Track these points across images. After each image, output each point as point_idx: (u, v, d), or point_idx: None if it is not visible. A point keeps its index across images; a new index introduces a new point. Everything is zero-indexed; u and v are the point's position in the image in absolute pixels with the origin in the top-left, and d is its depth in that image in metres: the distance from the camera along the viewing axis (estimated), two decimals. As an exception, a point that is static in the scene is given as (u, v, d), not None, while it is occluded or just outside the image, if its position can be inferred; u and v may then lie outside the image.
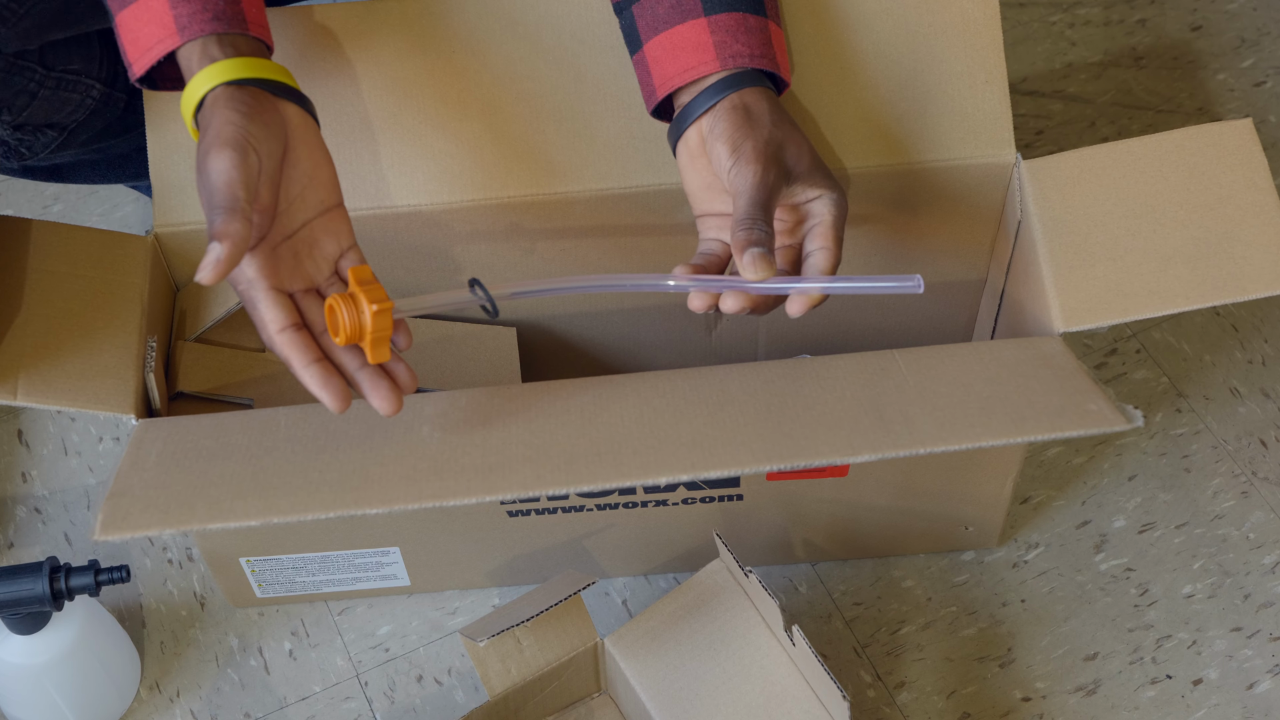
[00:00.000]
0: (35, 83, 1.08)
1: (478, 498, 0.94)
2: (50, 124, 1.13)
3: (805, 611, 1.22)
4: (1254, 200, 1.04)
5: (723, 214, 1.01)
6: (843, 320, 1.23)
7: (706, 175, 1.01)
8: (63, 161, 1.22)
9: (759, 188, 0.95)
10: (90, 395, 1.02)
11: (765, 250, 0.93)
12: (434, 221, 1.11)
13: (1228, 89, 1.53)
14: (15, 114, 1.08)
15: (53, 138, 1.14)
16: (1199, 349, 1.36)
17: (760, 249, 0.93)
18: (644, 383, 1.01)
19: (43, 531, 1.28)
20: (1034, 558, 1.24)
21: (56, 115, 1.12)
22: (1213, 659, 1.18)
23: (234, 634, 1.22)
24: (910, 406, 0.98)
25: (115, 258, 1.08)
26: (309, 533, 1.14)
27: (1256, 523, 1.25)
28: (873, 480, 1.13)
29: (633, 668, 1.07)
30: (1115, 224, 1.05)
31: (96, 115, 1.16)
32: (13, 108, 1.07)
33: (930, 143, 1.10)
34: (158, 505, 0.95)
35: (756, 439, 0.96)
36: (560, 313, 1.20)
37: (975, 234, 1.16)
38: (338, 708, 1.18)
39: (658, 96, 1.02)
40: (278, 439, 0.99)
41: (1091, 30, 1.59)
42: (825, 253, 0.97)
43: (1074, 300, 1.03)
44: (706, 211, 1.02)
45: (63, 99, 1.11)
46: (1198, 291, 1.02)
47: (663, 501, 1.13)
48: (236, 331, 1.14)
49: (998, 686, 1.17)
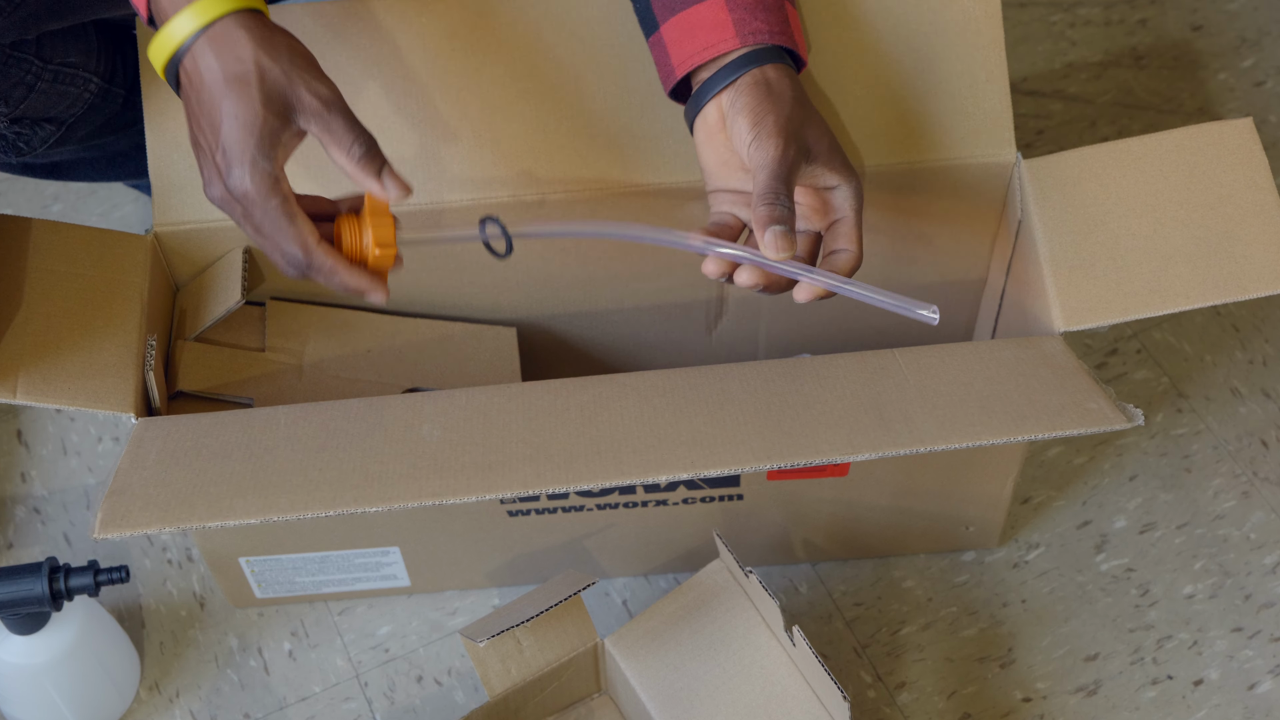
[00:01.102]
0: (32, 75, 1.08)
1: (478, 495, 0.94)
2: (48, 118, 1.13)
3: (805, 612, 1.21)
4: (1254, 199, 1.04)
5: (737, 190, 1.00)
6: (843, 320, 1.22)
7: (724, 152, 1.00)
8: (61, 159, 1.22)
9: (780, 162, 0.94)
10: (89, 394, 1.02)
11: (787, 229, 0.93)
12: (434, 221, 1.11)
13: (1228, 89, 1.53)
14: (12, 106, 1.08)
15: (51, 132, 1.14)
16: (1200, 349, 1.35)
17: (783, 227, 0.93)
18: (644, 382, 1.01)
19: (42, 532, 1.28)
20: (1035, 558, 1.24)
21: (54, 109, 1.12)
22: (1213, 659, 1.18)
23: (234, 634, 1.22)
24: (910, 405, 0.98)
25: (115, 257, 1.08)
26: (309, 532, 1.14)
27: (1257, 523, 1.25)
28: (873, 480, 1.13)
29: (633, 668, 1.07)
30: (1116, 223, 1.05)
31: (94, 111, 1.16)
32: (10, 100, 1.07)
33: (931, 142, 1.10)
34: (157, 503, 0.95)
35: (757, 437, 0.96)
36: (560, 313, 1.20)
37: (975, 233, 1.16)
38: (338, 708, 1.18)
39: (676, 75, 1.02)
40: (277, 438, 0.99)
41: (1092, 30, 1.59)
42: (849, 255, 0.98)
43: (1074, 300, 1.03)
44: (720, 188, 1.01)
45: (60, 92, 1.11)
46: (1198, 291, 1.02)
47: (663, 501, 1.13)
48: (236, 331, 1.14)
49: (998, 687, 1.17)
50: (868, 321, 1.23)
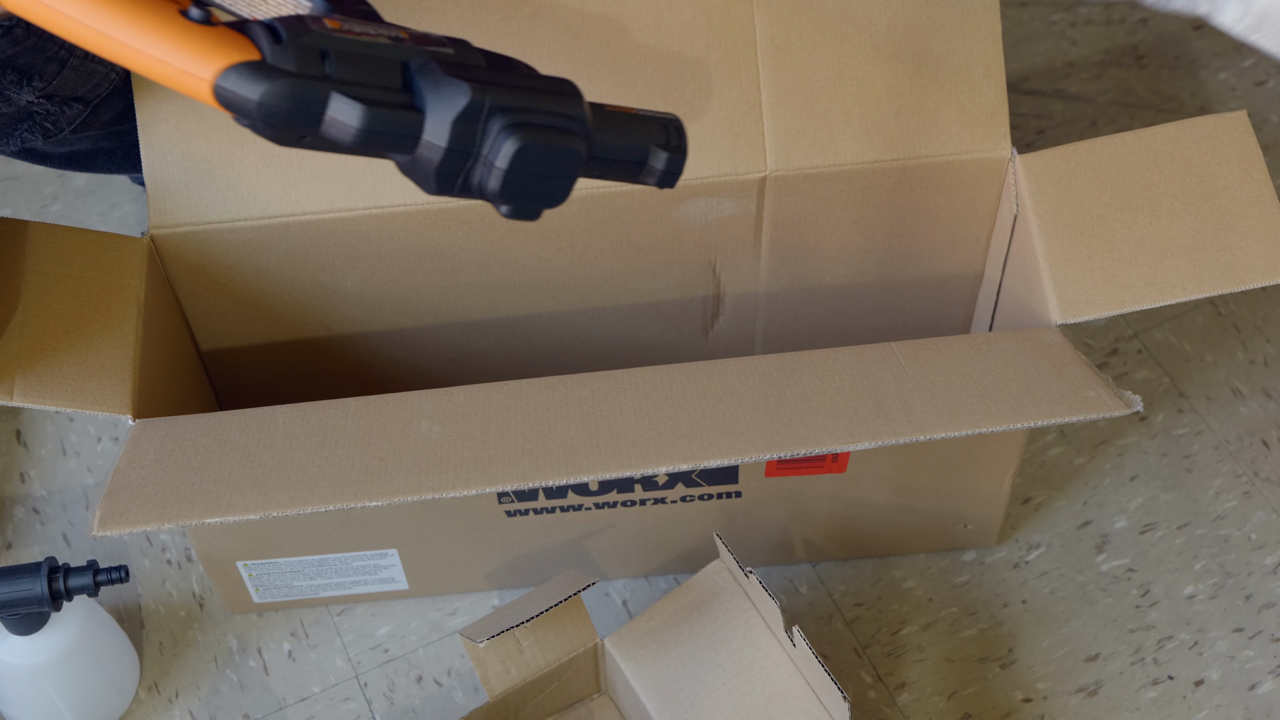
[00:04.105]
0: (65, 50, 1.08)
1: (477, 489, 0.94)
2: (76, 97, 1.13)
3: (806, 612, 1.21)
4: (1250, 191, 1.05)
5: None
6: (840, 319, 1.23)
7: None
8: (83, 147, 1.23)
9: None
10: (86, 395, 1.02)
11: None
12: (433, 221, 1.11)
13: (1229, 88, 1.53)
14: (46, 81, 1.08)
15: (79, 111, 1.14)
16: (1200, 349, 1.35)
17: None
18: (642, 377, 1.01)
19: (41, 532, 1.28)
20: (1035, 558, 1.24)
21: (83, 88, 1.12)
22: (1214, 660, 1.18)
23: (233, 635, 1.21)
24: (909, 395, 0.98)
25: (111, 259, 1.08)
26: (307, 534, 1.14)
27: (1258, 523, 1.25)
28: (871, 476, 1.13)
29: (633, 668, 1.07)
30: (1112, 216, 1.05)
31: (118, 94, 1.16)
32: (44, 74, 1.07)
33: (927, 137, 1.10)
34: (156, 501, 0.95)
35: (756, 429, 0.96)
36: (556, 312, 1.20)
37: (971, 228, 1.16)
38: (337, 709, 1.18)
39: None
40: (275, 436, 1.00)
41: (1093, 29, 1.59)
42: None
43: (1071, 293, 1.03)
44: None
45: (89, 70, 1.11)
46: (1195, 282, 1.03)
47: (661, 499, 1.12)
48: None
49: (999, 687, 1.17)
50: (865, 321, 1.23)
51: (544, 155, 0.80)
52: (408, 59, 0.80)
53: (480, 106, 0.78)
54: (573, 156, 0.82)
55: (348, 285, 1.15)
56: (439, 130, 0.78)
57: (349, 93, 0.76)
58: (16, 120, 1.09)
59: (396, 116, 0.78)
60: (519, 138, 0.79)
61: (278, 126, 0.77)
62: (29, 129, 1.12)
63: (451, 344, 1.22)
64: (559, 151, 0.81)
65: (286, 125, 0.77)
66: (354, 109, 0.76)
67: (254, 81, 0.76)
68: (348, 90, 0.77)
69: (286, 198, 1.09)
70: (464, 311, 1.19)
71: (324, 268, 1.13)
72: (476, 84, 0.79)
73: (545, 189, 0.82)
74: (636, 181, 0.88)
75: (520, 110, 0.80)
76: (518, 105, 0.80)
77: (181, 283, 1.14)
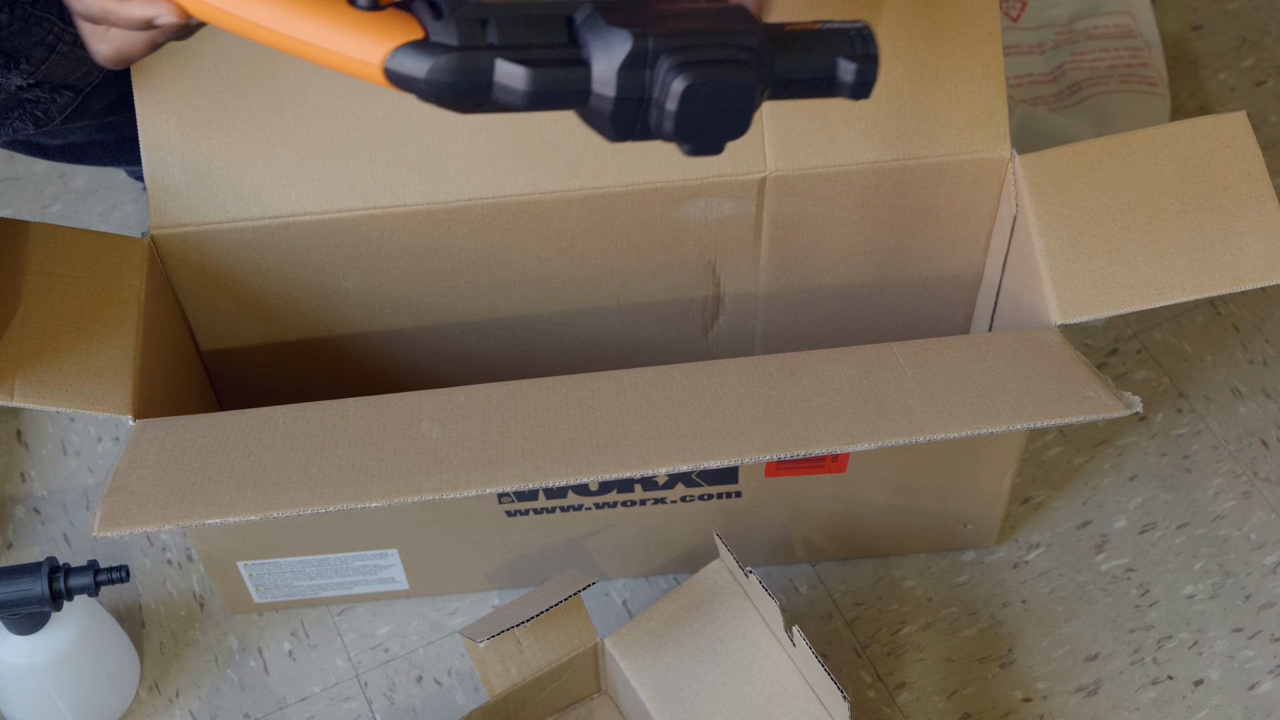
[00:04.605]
0: (54, 36, 1.07)
1: (477, 490, 0.94)
2: (66, 84, 1.12)
3: (805, 612, 1.21)
4: (1249, 191, 1.05)
5: None
6: (840, 319, 1.22)
7: None
8: (77, 140, 1.23)
9: None
10: (87, 396, 1.02)
11: None
12: (433, 221, 1.11)
13: (1229, 88, 1.53)
14: (34, 66, 1.07)
15: (69, 99, 1.13)
16: (1200, 349, 1.35)
17: None
18: (642, 378, 1.01)
19: (42, 532, 1.28)
20: (1035, 558, 1.24)
21: (73, 75, 1.12)
22: (1214, 660, 1.18)
23: (233, 634, 1.22)
24: (909, 396, 0.98)
25: (111, 259, 1.08)
26: (307, 534, 1.14)
27: (1258, 523, 1.25)
28: (871, 476, 1.13)
29: (633, 668, 1.07)
30: (1111, 217, 1.05)
31: (110, 83, 1.16)
32: (31, 59, 1.07)
33: (927, 137, 1.10)
34: (156, 501, 0.95)
35: (756, 429, 0.96)
36: (556, 312, 1.20)
37: (971, 229, 1.16)
38: (337, 708, 1.18)
39: None
40: (276, 436, 0.99)
41: (1091, 33, 1.59)
42: None
43: (1071, 293, 1.03)
44: None
45: (79, 57, 1.11)
46: (1194, 282, 1.03)
47: (661, 499, 1.12)
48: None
49: (998, 687, 1.17)
50: (864, 321, 1.23)
51: (714, 90, 0.79)
52: (570, 13, 0.79)
53: (644, 52, 0.78)
54: (744, 88, 0.81)
55: (348, 285, 1.15)
56: (606, 81, 0.78)
57: (513, 57, 0.76)
58: (7, 108, 1.09)
59: (563, 74, 0.78)
60: (685, 77, 0.78)
61: (449, 100, 0.77)
62: (20, 117, 1.11)
63: (451, 344, 1.22)
64: (729, 84, 0.80)
65: (457, 98, 0.77)
66: (520, 73, 0.76)
67: (419, 60, 0.76)
68: (512, 55, 0.77)
69: (287, 198, 1.09)
70: (464, 311, 1.19)
71: (324, 268, 1.13)
72: (638, 28, 0.78)
73: (723, 123, 0.81)
74: (830, 95, 0.86)
75: (685, 49, 0.79)
76: (683, 44, 0.79)
77: (182, 283, 1.14)
